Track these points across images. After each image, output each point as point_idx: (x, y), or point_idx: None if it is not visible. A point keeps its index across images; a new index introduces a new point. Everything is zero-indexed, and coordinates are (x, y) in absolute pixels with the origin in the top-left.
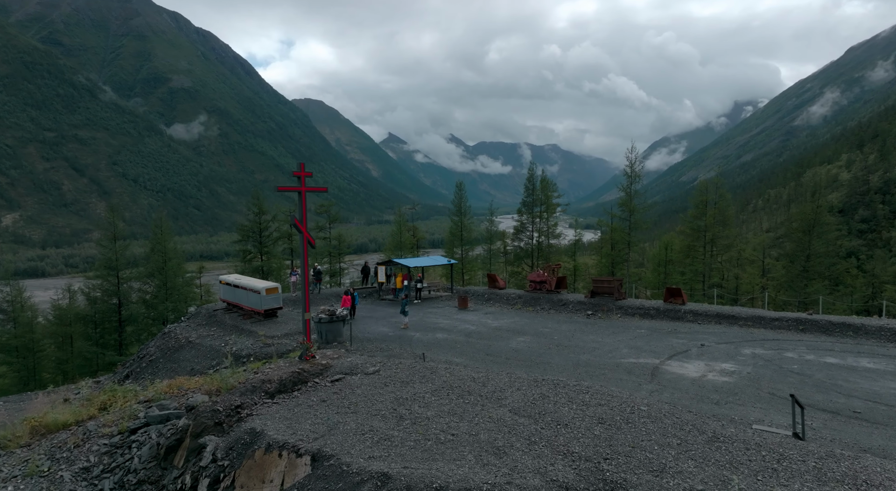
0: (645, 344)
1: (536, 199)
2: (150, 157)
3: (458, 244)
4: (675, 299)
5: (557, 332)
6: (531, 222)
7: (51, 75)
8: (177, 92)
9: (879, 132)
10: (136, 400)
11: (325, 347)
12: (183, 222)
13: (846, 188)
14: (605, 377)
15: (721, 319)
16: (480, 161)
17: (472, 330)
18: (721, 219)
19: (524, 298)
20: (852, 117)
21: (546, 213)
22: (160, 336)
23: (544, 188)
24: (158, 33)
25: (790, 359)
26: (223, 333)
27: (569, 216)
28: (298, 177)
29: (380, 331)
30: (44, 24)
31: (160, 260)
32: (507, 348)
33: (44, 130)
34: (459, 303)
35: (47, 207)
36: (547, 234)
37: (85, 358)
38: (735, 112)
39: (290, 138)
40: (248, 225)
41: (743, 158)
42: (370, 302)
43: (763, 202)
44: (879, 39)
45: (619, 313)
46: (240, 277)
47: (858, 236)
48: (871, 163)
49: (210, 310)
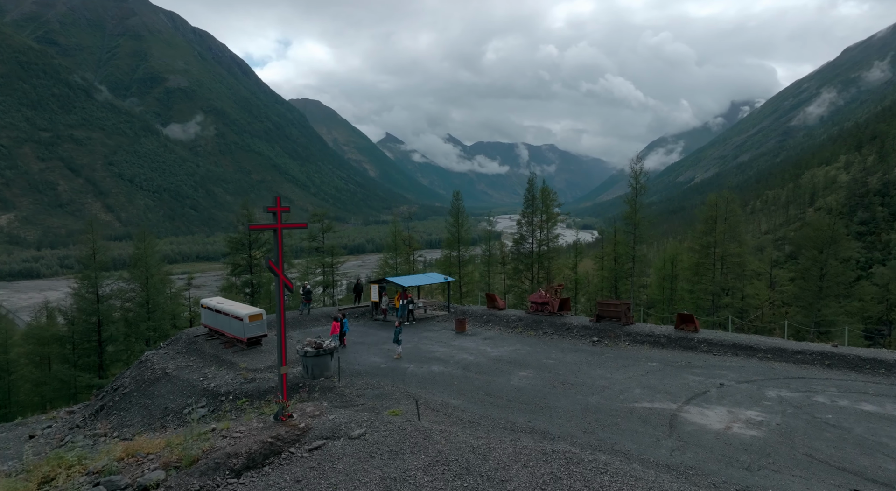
0: (658, 381)
1: (536, 209)
2: (146, 157)
3: (455, 261)
4: (688, 326)
5: (562, 364)
6: (531, 234)
7: (46, 75)
8: (173, 92)
9: (878, 133)
10: (84, 471)
11: (309, 381)
12: (179, 223)
13: (845, 190)
14: (618, 428)
15: (738, 351)
16: (478, 161)
17: (470, 361)
18: (731, 235)
19: (525, 321)
20: (849, 118)
21: (547, 222)
22: (136, 365)
23: (545, 197)
24: (155, 33)
25: (822, 406)
26: (202, 364)
27: (567, 217)
28: (274, 212)
29: (371, 362)
30: (39, 23)
31: (142, 276)
32: (508, 386)
33: (39, 130)
34: (457, 326)
35: (42, 208)
36: (547, 244)
37: (61, 381)
38: (732, 112)
39: (287, 138)
40: (238, 237)
41: (740, 159)
42: (362, 323)
43: (761, 203)
44: (876, 40)
45: (628, 341)
46: (222, 300)
47: (857, 238)
48: (870, 164)
49: (191, 335)
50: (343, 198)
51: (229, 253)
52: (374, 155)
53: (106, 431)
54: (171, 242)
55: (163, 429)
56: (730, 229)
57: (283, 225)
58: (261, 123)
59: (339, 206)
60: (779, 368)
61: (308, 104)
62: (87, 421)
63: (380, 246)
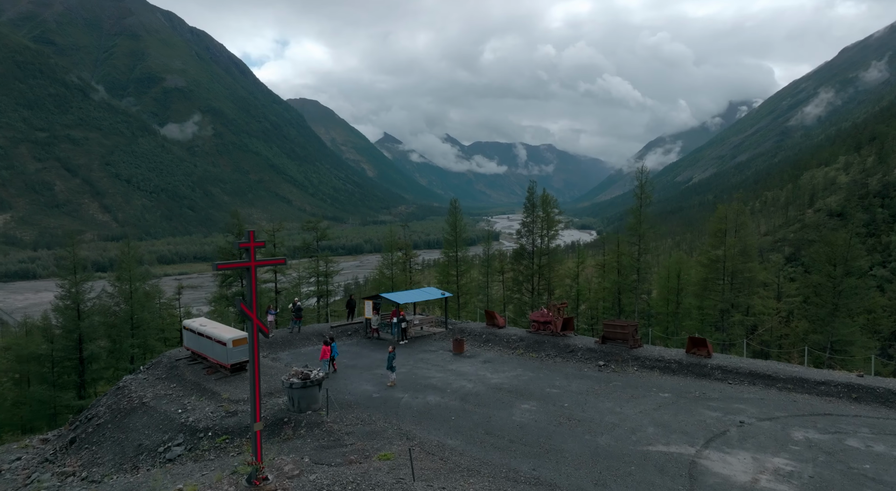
0: (672, 417)
1: (536, 217)
2: (143, 157)
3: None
4: (700, 350)
5: (567, 393)
6: (531, 245)
7: (43, 75)
8: (171, 92)
9: (877, 134)
10: None
11: (295, 414)
12: (177, 223)
13: (844, 191)
14: (632, 478)
15: (756, 379)
16: (476, 161)
17: (468, 390)
18: (742, 248)
19: (526, 341)
20: (847, 118)
21: (547, 231)
22: (113, 391)
23: (545, 205)
24: (152, 33)
25: (856, 452)
26: (182, 393)
27: (565, 217)
28: (246, 249)
29: (363, 390)
30: (36, 23)
31: (126, 290)
32: (510, 423)
33: (36, 130)
34: (454, 347)
35: (39, 208)
36: (548, 254)
37: (40, 402)
38: (730, 112)
39: (284, 138)
40: (227, 248)
41: (738, 159)
42: (355, 341)
43: (760, 205)
44: (873, 40)
45: (636, 365)
46: (205, 322)
47: (857, 241)
48: (870, 166)
49: (172, 359)
50: (341, 198)
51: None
52: (372, 155)
53: (75, 469)
54: (168, 243)
55: (134, 470)
56: (740, 243)
57: (256, 262)
58: (258, 123)
59: (336, 206)
60: (801, 401)
61: (306, 104)
62: (59, 454)
63: (378, 246)
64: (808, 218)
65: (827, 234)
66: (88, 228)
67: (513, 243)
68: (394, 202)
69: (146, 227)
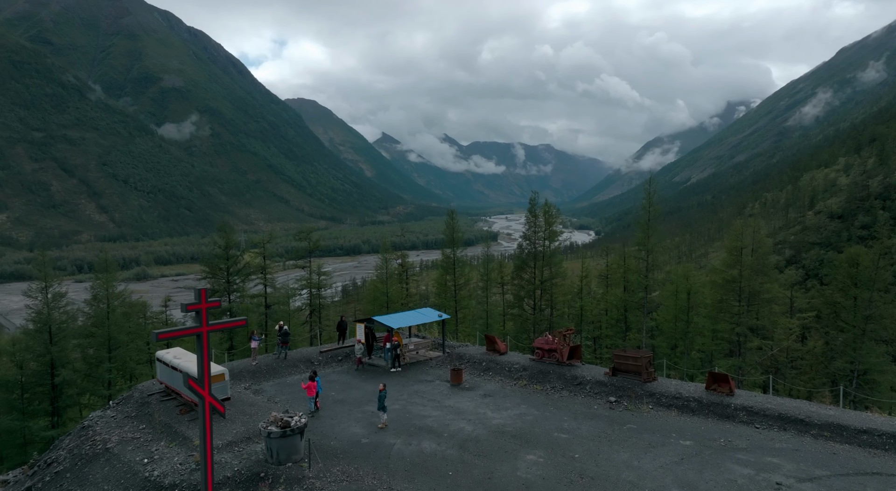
0: (698, 475)
1: (538, 229)
2: (140, 157)
3: (450, 290)
4: (721, 387)
5: (577, 439)
6: (533, 259)
7: (39, 75)
8: (168, 91)
9: (877, 136)
10: None
11: (273, 467)
12: (174, 223)
13: (845, 193)
14: None
15: (786, 424)
16: (474, 161)
17: (467, 434)
18: (759, 268)
19: (530, 371)
20: (845, 118)
21: (549, 243)
22: (77, 432)
23: (547, 216)
24: (149, 32)
25: None
26: (151, 437)
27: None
28: (196, 311)
29: (350, 433)
30: (32, 22)
31: (102, 312)
32: (514, 480)
33: (32, 130)
34: (452, 377)
35: (35, 208)
36: (550, 267)
37: (8, 431)
38: (728, 112)
39: (282, 138)
40: (215, 260)
41: (736, 159)
42: (346, 367)
43: (760, 206)
44: (871, 40)
45: (651, 403)
46: (181, 353)
47: (859, 243)
48: (870, 167)
49: (145, 393)
50: (339, 198)
51: (205, 276)
52: (371, 155)
53: None
54: (165, 243)
55: None
56: (758, 262)
57: (209, 327)
58: (256, 123)
59: (335, 206)
60: (842, 453)
61: (304, 104)
62: None
63: (376, 247)
64: (808, 220)
65: (850, 249)
66: (85, 229)
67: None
68: (392, 202)
69: (143, 228)
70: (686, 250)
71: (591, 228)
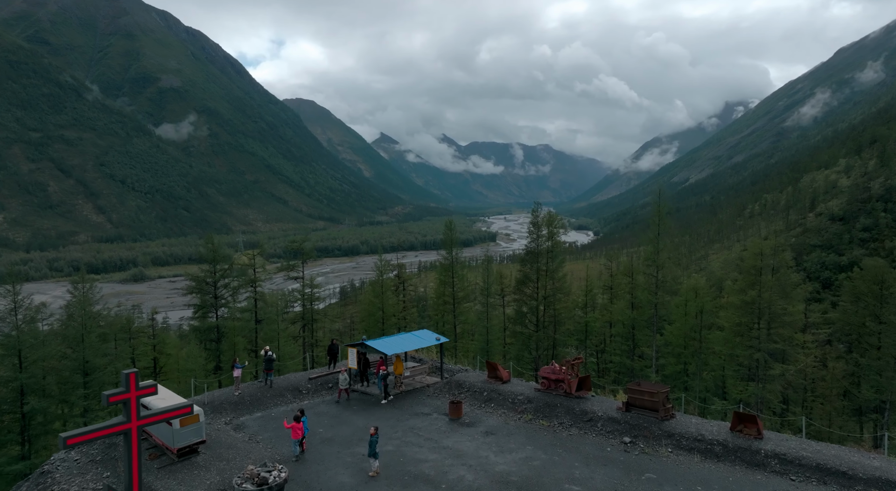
0: None
1: (542, 240)
2: (138, 157)
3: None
4: (748, 428)
5: None
6: (535, 273)
7: (36, 75)
8: (166, 92)
9: (878, 137)
10: None
11: None
12: (172, 224)
13: (846, 195)
14: None
15: (826, 476)
16: (472, 161)
17: (468, 483)
18: (781, 291)
19: (536, 403)
20: (843, 119)
21: (553, 258)
22: (35, 478)
23: (551, 227)
24: (147, 32)
25: None
26: (114, 487)
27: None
28: (125, 401)
29: (338, 484)
30: (30, 22)
31: (77, 333)
32: None
33: (29, 131)
34: (451, 411)
35: (32, 209)
36: (554, 283)
37: None
38: (726, 112)
39: (281, 139)
40: (201, 275)
41: (734, 159)
42: (336, 396)
43: (760, 207)
44: (869, 40)
45: (670, 445)
46: (160, 392)
47: (860, 245)
48: (872, 169)
49: None
50: (337, 198)
51: (191, 291)
52: (369, 155)
53: None
54: (162, 244)
55: None
56: (778, 284)
57: (140, 421)
58: (254, 123)
59: (333, 206)
60: None
61: (302, 104)
62: None
63: (374, 247)
64: (809, 222)
65: (869, 263)
66: (82, 230)
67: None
68: (390, 203)
69: (141, 228)
70: (686, 252)
71: (589, 229)
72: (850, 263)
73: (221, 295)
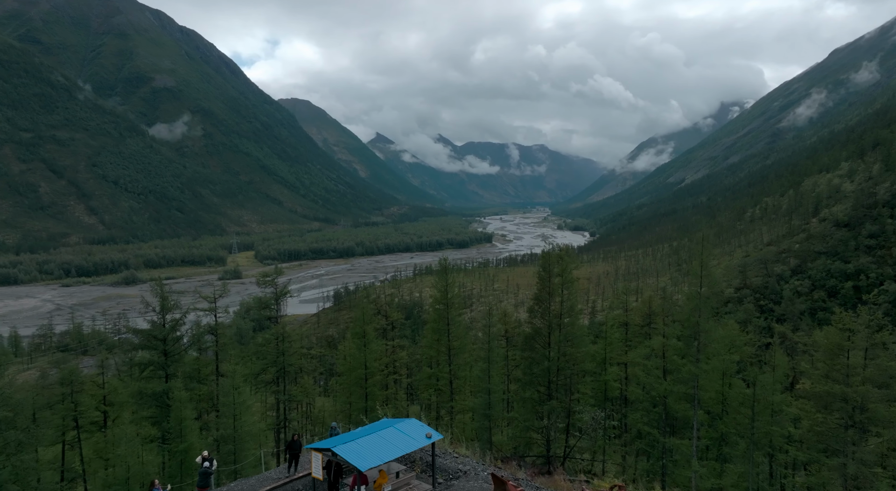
0: None
1: (554, 291)
2: (131, 158)
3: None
4: None
5: None
6: (547, 328)
7: (27, 74)
8: (159, 91)
9: (881, 140)
10: None
11: None
12: (165, 225)
13: (851, 200)
14: None
15: None
16: (468, 161)
17: None
18: (877, 379)
19: None
20: (839, 120)
21: (567, 301)
22: None
23: (563, 271)
24: (141, 31)
25: None
26: None
27: (557, 217)
28: None
29: None
30: (21, 21)
31: None
32: None
33: (20, 131)
34: None
35: (22, 210)
36: (571, 341)
37: None
38: (721, 113)
39: (276, 139)
40: (148, 328)
41: (730, 160)
42: None
43: (760, 211)
44: (863, 41)
45: None
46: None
47: (867, 253)
48: (876, 173)
49: None
50: (333, 199)
51: (136, 347)
52: (365, 155)
53: None
54: (155, 246)
55: None
56: (878, 371)
57: None
58: (249, 123)
59: (328, 207)
60: None
61: (297, 104)
62: None
63: (370, 249)
64: (813, 228)
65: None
66: (74, 231)
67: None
68: (386, 203)
69: (133, 230)
70: (686, 258)
71: (585, 229)
72: (856, 271)
73: (173, 351)
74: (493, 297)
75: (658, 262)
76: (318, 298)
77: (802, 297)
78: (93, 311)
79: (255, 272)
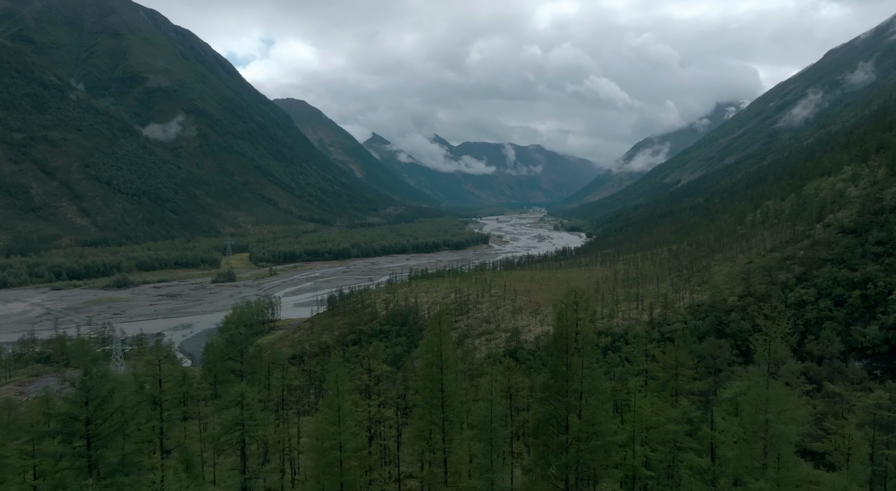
0: None
1: (574, 375)
2: (124, 158)
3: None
4: None
5: None
6: (565, 408)
7: (19, 74)
8: (153, 92)
9: (885, 144)
10: None
11: None
12: (159, 227)
13: (856, 206)
14: None
15: None
16: (464, 161)
17: None
18: None
19: None
20: (835, 121)
21: (587, 368)
22: None
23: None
24: (135, 31)
25: None
26: None
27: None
28: None
29: None
30: (14, 20)
31: None
32: None
33: (11, 131)
34: None
35: (13, 212)
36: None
37: None
38: (717, 113)
39: (271, 139)
40: (68, 410)
41: (726, 160)
42: None
43: (761, 215)
44: (859, 41)
45: None
46: None
47: (874, 261)
48: (881, 178)
49: None
50: (328, 200)
51: (52, 433)
52: (360, 155)
53: None
54: (149, 248)
55: None
56: None
57: None
58: (244, 124)
59: (324, 208)
60: None
61: (293, 104)
62: None
63: (365, 250)
64: (817, 234)
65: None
66: (66, 233)
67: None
68: (382, 203)
69: (127, 232)
70: (686, 262)
71: (581, 230)
72: (863, 280)
73: (96, 439)
74: (489, 303)
75: (658, 266)
76: (313, 301)
77: (808, 306)
78: (82, 315)
79: (249, 274)
